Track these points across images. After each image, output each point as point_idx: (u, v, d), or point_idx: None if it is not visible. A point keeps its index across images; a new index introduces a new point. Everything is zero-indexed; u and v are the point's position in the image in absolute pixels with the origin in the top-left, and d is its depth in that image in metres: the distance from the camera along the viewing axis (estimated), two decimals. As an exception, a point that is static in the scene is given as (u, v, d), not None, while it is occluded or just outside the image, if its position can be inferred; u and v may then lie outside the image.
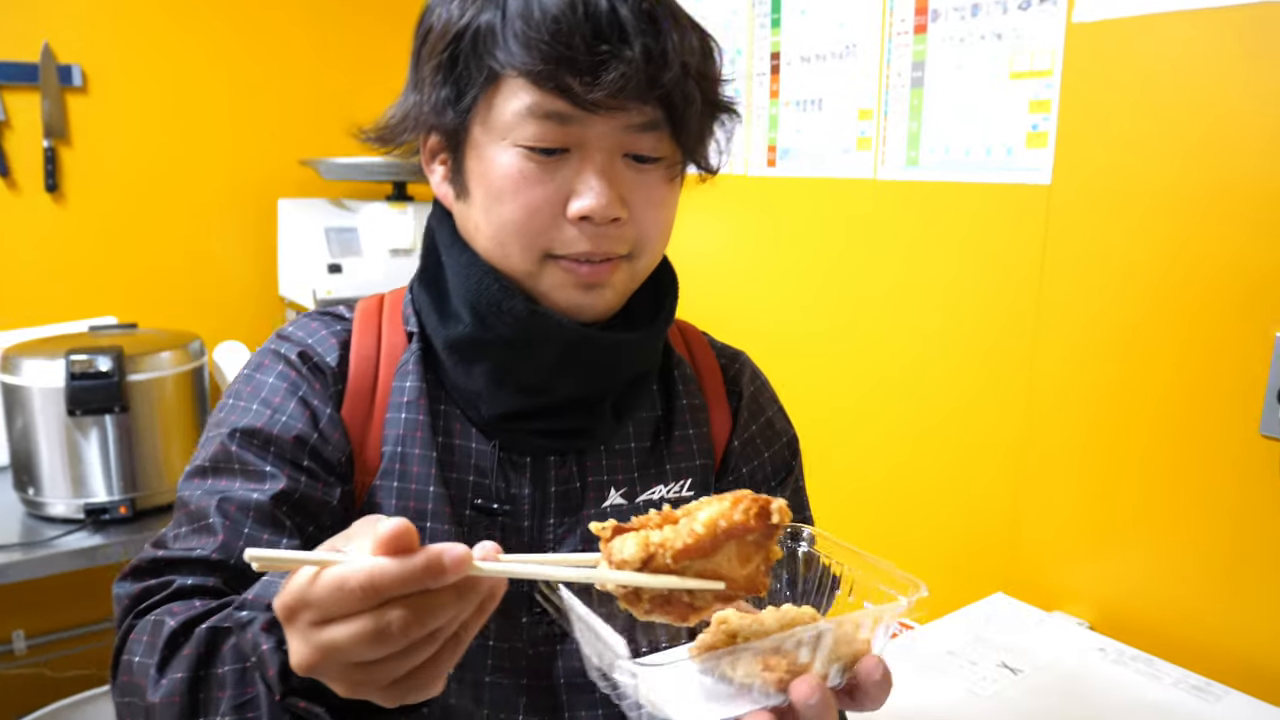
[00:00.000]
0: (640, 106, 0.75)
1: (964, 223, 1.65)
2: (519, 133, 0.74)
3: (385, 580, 0.48)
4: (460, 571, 0.49)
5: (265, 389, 0.83)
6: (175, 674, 0.65)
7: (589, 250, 0.77)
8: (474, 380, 0.82)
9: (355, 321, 0.88)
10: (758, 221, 2.03)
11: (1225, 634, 1.35)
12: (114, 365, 1.82)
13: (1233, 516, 1.33)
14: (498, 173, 0.76)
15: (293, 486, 0.78)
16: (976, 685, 1.24)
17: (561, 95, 0.72)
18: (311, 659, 0.50)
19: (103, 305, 2.37)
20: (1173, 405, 1.39)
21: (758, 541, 0.60)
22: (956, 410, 1.68)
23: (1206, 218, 1.34)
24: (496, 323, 0.79)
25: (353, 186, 2.65)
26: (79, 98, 2.30)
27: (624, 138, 0.76)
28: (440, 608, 0.49)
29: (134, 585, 0.75)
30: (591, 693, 0.84)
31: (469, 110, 0.77)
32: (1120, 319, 1.44)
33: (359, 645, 0.48)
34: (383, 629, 0.48)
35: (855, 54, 1.80)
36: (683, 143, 0.79)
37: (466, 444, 0.84)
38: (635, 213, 0.78)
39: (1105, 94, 1.45)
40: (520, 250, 0.77)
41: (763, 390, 1.01)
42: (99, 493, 1.88)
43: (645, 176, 0.78)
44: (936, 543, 1.72)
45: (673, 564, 0.58)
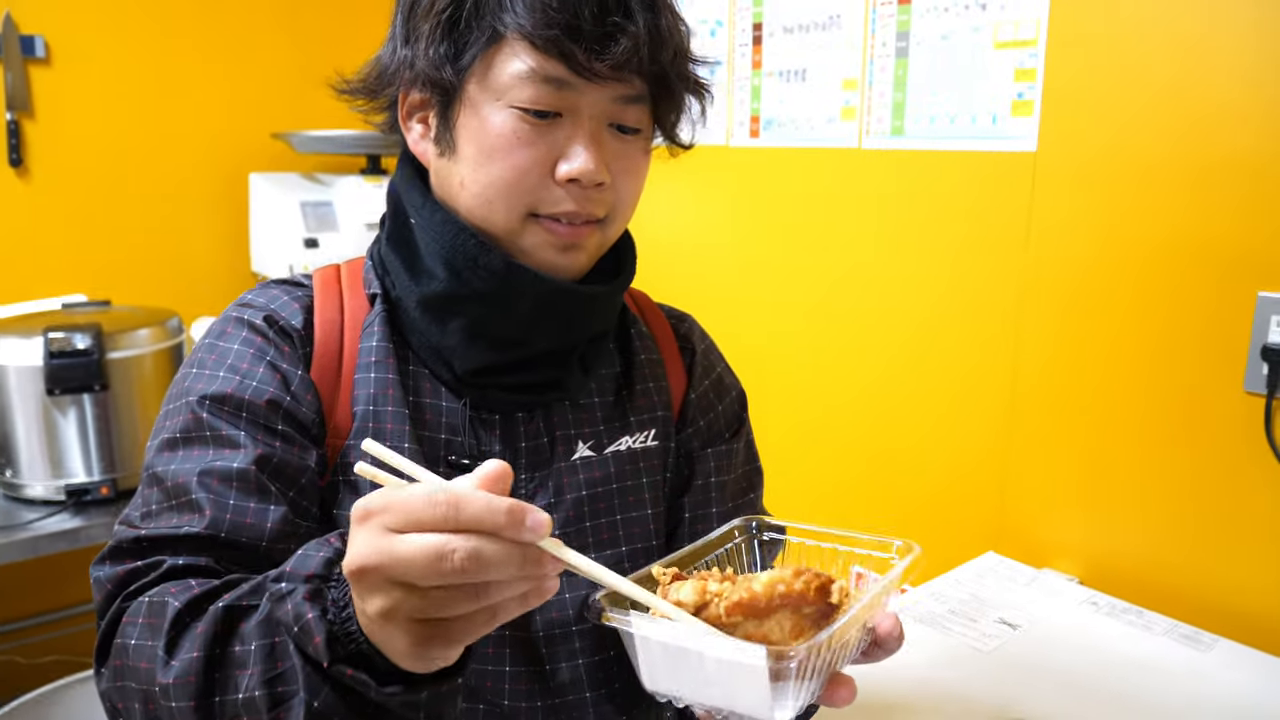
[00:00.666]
0: (632, 80, 0.78)
1: (950, 190, 1.67)
2: (516, 94, 0.77)
3: (472, 507, 0.49)
4: (537, 532, 0.50)
5: (231, 355, 0.82)
6: (189, 654, 0.64)
7: (573, 210, 0.79)
8: (448, 336, 0.83)
9: (315, 288, 0.88)
10: (741, 192, 2.04)
11: (1211, 585, 1.40)
12: (93, 343, 1.79)
13: (1217, 471, 1.38)
14: (491, 131, 0.78)
15: (269, 452, 0.78)
16: (978, 641, 1.27)
17: (563, 61, 0.75)
18: (367, 559, 0.51)
19: (72, 283, 2.31)
20: (1158, 365, 1.43)
21: (813, 618, 0.60)
22: (945, 375, 1.71)
23: (1189, 182, 1.38)
24: (472, 277, 0.80)
25: (326, 160, 2.61)
26: (42, 69, 2.24)
27: (612, 108, 0.79)
28: (500, 560, 0.50)
29: (116, 568, 0.73)
30: (571, 643, 0.87)
31: (467, 68, 0.78)
32: (1105, 281, 1.48)
33: (417, 559, 0.49)
34: (445, 551, 0.49)
35: (839, 24, 1.82)
36: (662, 117, 0.84)
37: (437, 403, 0.85)
38: (615, 180, 0.81)
39: (1089, 63, 1.48)
40: (505, 208, 0.79)
41: (711, 348, 1.06)
42: (79, 473, 1.85)
43: (627, 147, 0.82)
44: (927, 504, 1.75)
45: (725, 617, 0.59)
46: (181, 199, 2.48)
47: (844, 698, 0.62)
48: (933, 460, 1.74)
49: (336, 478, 0.82)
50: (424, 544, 0.49)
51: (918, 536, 0.72)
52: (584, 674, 0.87)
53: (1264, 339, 1.31)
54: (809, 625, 0.60)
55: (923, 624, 1.32)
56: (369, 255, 0.92)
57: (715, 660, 0.57)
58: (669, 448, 0.96)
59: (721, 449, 0.99)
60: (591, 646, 0.87)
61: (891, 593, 0.67)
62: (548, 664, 0.86)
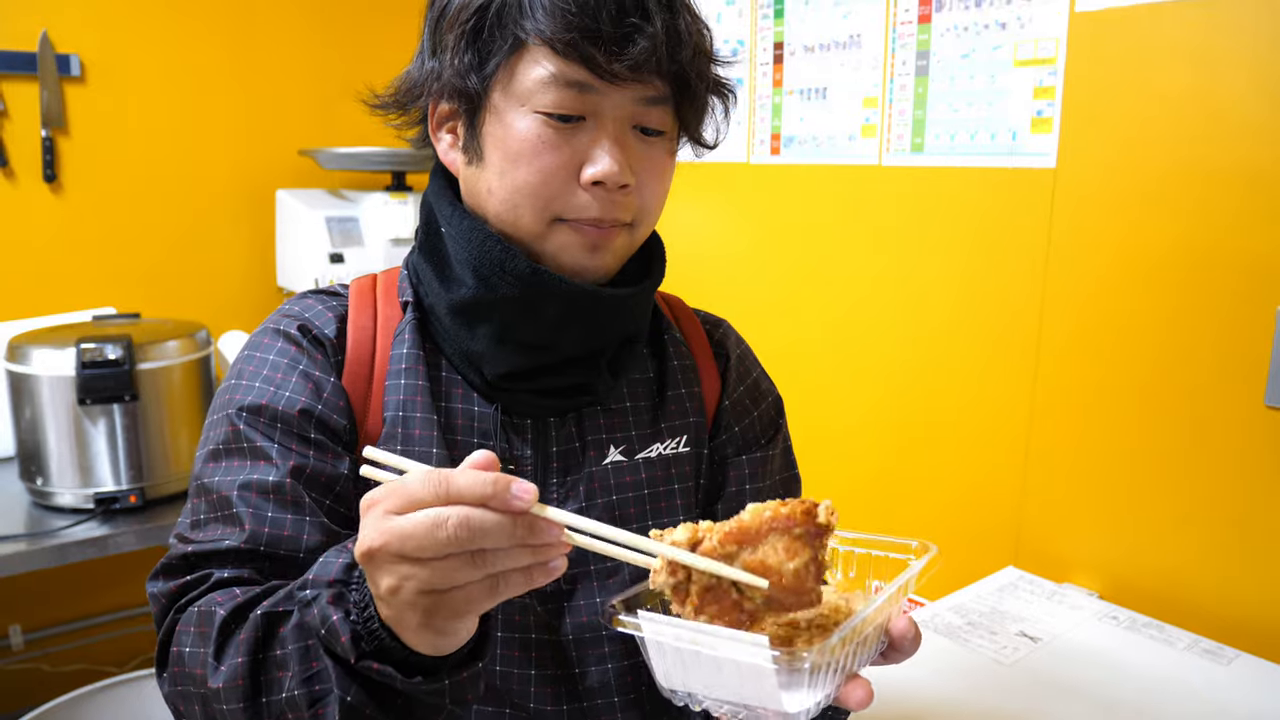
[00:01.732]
0: (653, 81, 0.79)
1: (970, 206, 1.69)
2: (539, 99, 0.78)
3: (460, 478, 0.54)
4: (523, 498, 0.54)
5: (267, 366, 0.85)
6: (235, 659, 0.68)
7: (598, 216, 0.81)
8: (477, 341, 0.85)
9: (351, 297, 0.91)
10: (763, 208, 2.06)
11: (1233, 599, 1.39)
12: (124, 354, 1.82)
13: (1239, 485, 1.38)
14: (516, 137, 0.79)
15: (302, 462, 0.80)
16: (999, 654, 1.27)
17: (584, 65, 0.77)
18: (375, 541, 0.55)
19: (101, 296, 2.35)
20: (1178, 379, 1.44)
21: (803, 537, 0.61)
22: (965, 391, 1.72)
23: (1208, 198, 1.39)
24: (499, 283, 0.82)
25: (351, 177, 2.65)
26: (77, 88, 2.29)
27: (635, 110, 0.80)
28: (492, 526, 0.54)
29: (169, 583, 0.77)
30: (600, 647, 0.87)
31: (491, 76, 0.80)
32: (1125, 297, 1.49)
33: (416, 531, 0.53)
34: (439, 520, 0.53)
35: (859, 43, 1.84)
36: (685, 118, 0.85)
37: (469, 408, 0.87)
38: (640, 181, 0.82)
39: (1108, 80, 1.49)
40: (532, 213, 0.81)
41: (747, 354, 1.05)
42: (108, 482, 1.88)
43: (651, 149, 0.83)
44: (948, 519, 1.76)
45: (720, 548, 0.60)
46: (210, 214, 2.53)
47: (860, 699, 0.63)
48: (952, 474, 1.75)
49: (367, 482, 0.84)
50: (421, 517, 0.54)
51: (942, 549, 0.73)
52: (613, 679, 0.88)
53: (1284, 354, 1.31)
54: (801, 545, 0.61)
55: (943, 636, 1.32)
56: (404, 265, 0.94)
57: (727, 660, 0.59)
58: (702, 454, 0.96)
59: (756, 455, 0.99)
60: (621, 651, 0.88)
61: (908, 592, 0.68)
62: (577, 667, 0.87)
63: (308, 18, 2.59)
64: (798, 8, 1.94)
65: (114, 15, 2.32)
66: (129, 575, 2.41)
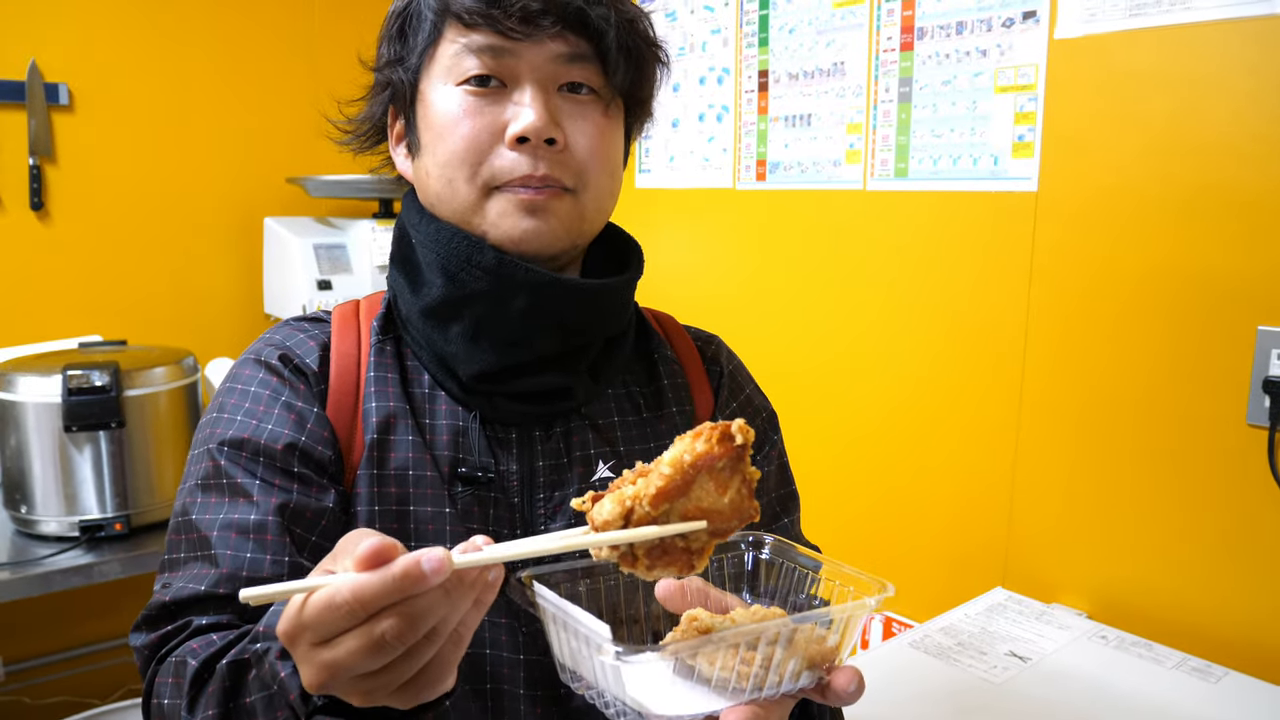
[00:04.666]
0: (565, 35, 0.81)
1: (954, 229, 1.71)
2: (457, 70, 0.81)
3: (369, 593, 0.50)
4: (441, 573, 0.50)
5: (249, 399, 0.84)
6: (206, 711, 0.67)
7: (528, 173, 0.80)
8: (450, 342, 0.85)
9: (333, 323, 0.90)
10: (750, 234, 2.07)
11: (1220, 618, 1.40)
12: (111, 380, 1.81)
13: (1223, 504, 1.39)
14: (440, 112, 0.82)
15: (285, 499, 0.79)
16: (989, 674, 1.27)
17: (489, 26, 0.79)
18: (319, 678, 0.53)
19: (88, 324, 2.35)
20: (1161, 400, 1.45)
21: (729, 466, 0.61)
22: (951, 413, 1.73)
23: (1188, 220, 1.41)
24: (467, 278, 0.82)
25: (339, 204, 2.66)
26: (65, 116, 2.30)
27: (554, 68, 0.81)
28: (430, 610, 0.51)
29: (150, 634, 0.76)
30: None
31: (418, 65, 0.84)
32: (1108, 318, 1.50)
33: (358, 659, 0.51)
34: (377, 640, 0.50)
35: (843, 71, 1.86)
36: (609, 70, 0.83)
37: (452, 423, 0.86)
38: (572, 140, 0.82)
39: (1088, 106, 1.52)
40: (465, 182, 0.82)
41: (739, 369, 1.04)
42: (93, 510, 1.86)
43: (580, 106, 0.83)
44: (935, 541, 1.76)
45: (653, 511, 0.59)
46: (198, 242, 2.53)
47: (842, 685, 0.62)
48: (940, 495, 1.76)
49: (354, 509, 0.83)
50: (355, 644, 0.51)
51: (925, 572, 0.72)
52: None
53: (1265, 372, 1.33)
54: (728, 476, 0.60)
55: (932, 657, 1.32)
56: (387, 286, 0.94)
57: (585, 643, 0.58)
58: None
59: None
60: None
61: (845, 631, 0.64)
62: (564, 688, 0.86)
63: (295, 46, 2.61)
64: (782, 36, 1.97)
65: (103, 45, 2.33)
66: (114, 604, 2.38)
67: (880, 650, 1.36)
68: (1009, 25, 1.61)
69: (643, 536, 0.58)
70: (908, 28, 1.75)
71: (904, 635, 1.40)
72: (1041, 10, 1.57)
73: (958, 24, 1.68)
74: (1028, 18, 1.59)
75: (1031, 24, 1.58)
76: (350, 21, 2.68)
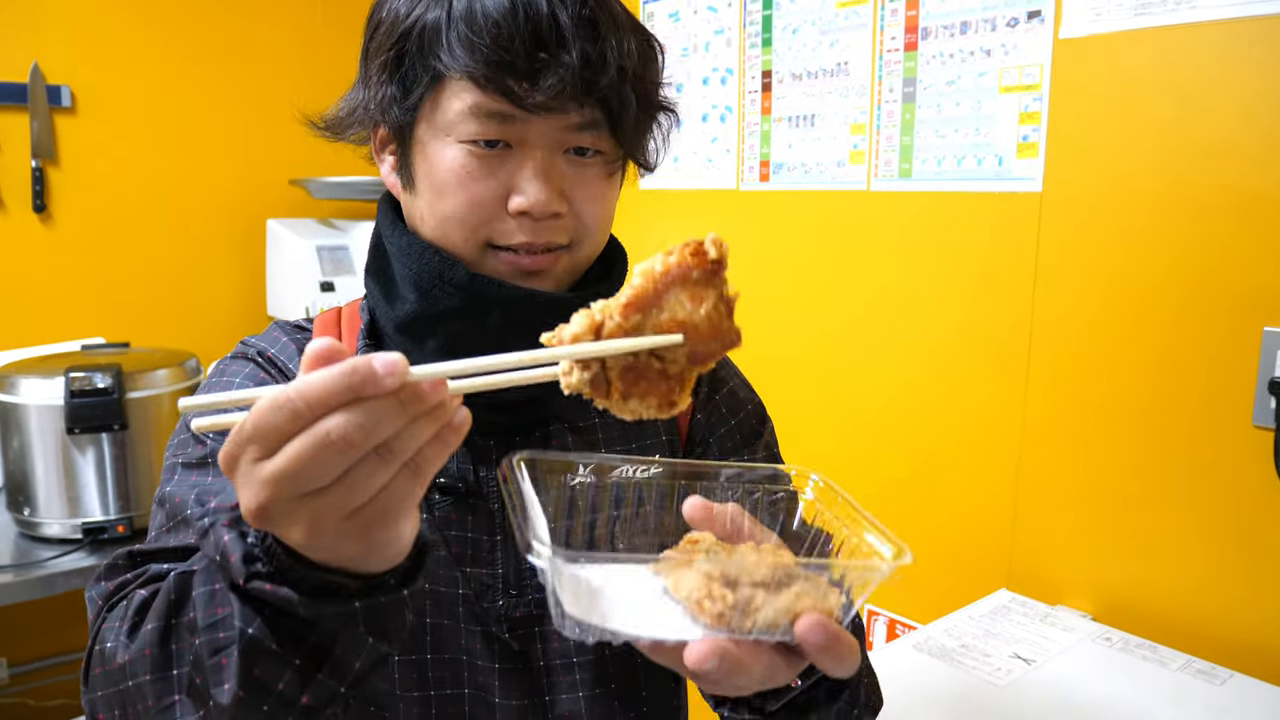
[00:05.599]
0: (579, 109, 0.78)
1: (958, 230, 1.70)
2: (462, 129, 0.78)
3: (316, 388, 0.47)
4: (394, 374, 0.47)
5: (234, 386, 0.84)
6: (146, 626, 0.62)
7: (528, 241, 0.79)
8: (425, 358, 0.82)
9: (315, 331, 0.90)
10: (753, 234, 2.07)
11: (1226, 620, 1.39)
12: (113, 382, 1.81)
13: (1229, 505, 1.38)
14: (442, 168, 0.79)
15: None
16: (992, 676, 1.27)
17: (503, 97, 0.76)
18: (260, 498, 0.48)
19: (91, 326, 2.35)
20: (1167, 400, 1.44)
21: (704, 279, 0.57)
22: (956, 414, 1.73)
23: (1193, 220, 1.40)
24: (440, 295, 0.80)
25: (342, 206, 2.66)
26: (68, 118, 2.30)
27: (564, 135, 0.79)
28: (382, 417, 0.48)
29: (108, 584, 0.72)
30: (573, 674, 0.84)
31: (415, 108, 0.80)
32: (1113, 318, 1.50)
33: (302, 463, 0.47)
34: (321, 439, 0.47)
35: (847, 71, 1.86)
36: (621, 140, 0.82)
37: None
38: (575, 206, 0.81)
39: (1093, 106, 1.51)
40: (462, 240, 0.80)
41: (723, 364, 1.02)
42: (95, 512, 1.86)
43: (585, 171, 0.81)
44: (939, 542, 1.75)
45: (624, 323, 0.55)
46: (200, 244, 2.53)
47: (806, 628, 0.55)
48: (944, 497, 1.75)
49: None
50: (300, 447, 0.47)
51: (930, 573, 0.70)
52: (584, 707, 0.85)
53: (1271, 373, 1.32)
54: (703, 288, 0.57)
55: (936, 659, 1.32)
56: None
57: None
58: None
59: None
60: (594, 678, 0.85)
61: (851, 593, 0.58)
62: (547, 695, 0.84)
63: (297, 47, 2.61)
64: (785, 36, 1.96)
65: (105, 47, 2.33)
66: (116, 607, 2.38)
67: (884, 652, 1.35)
68: (1013, 25, 1.61)
69: (616, 348, 0.54)
70: (912, 27, 1.75)
71: (908, 637, 1.40)
72: (1046, 10, 1.56)
73: (962, 24, 1.68)
74: (1032, 17, 1.58)
75: (1036, 23, 1.58)
76: (354, 21, 2.66)
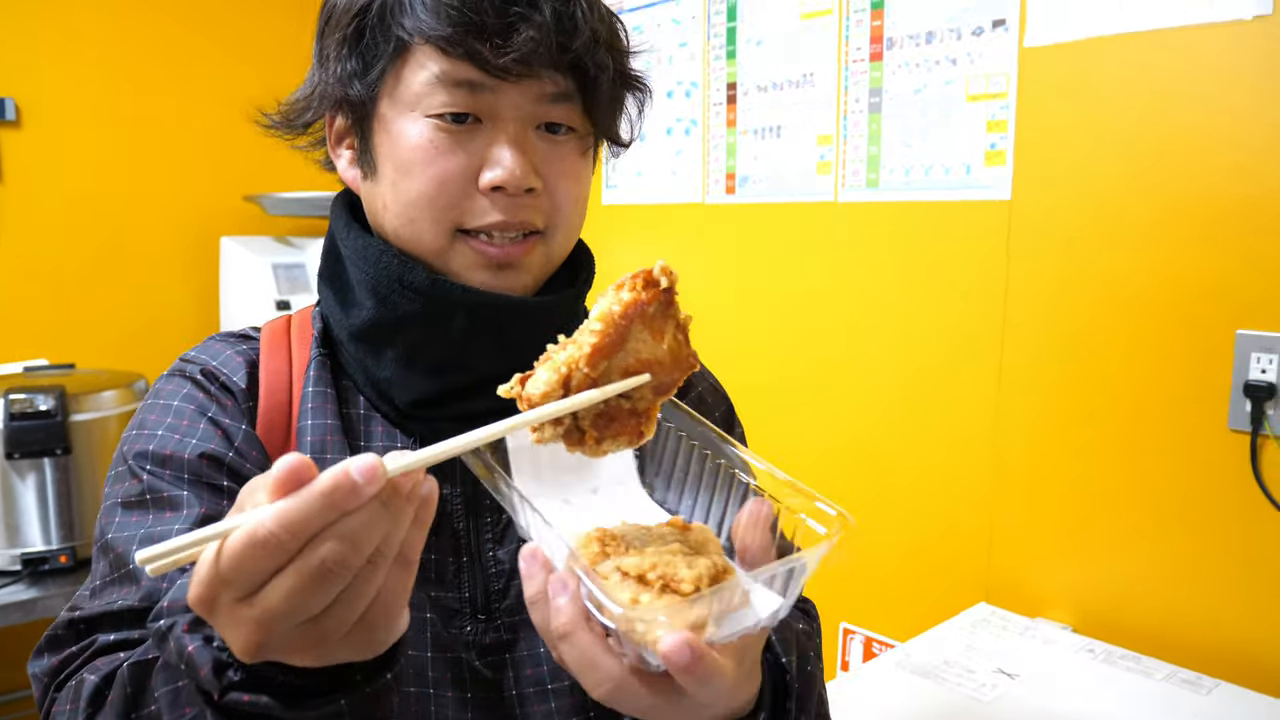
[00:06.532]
0: (552, 76, 0.73)
1: (927, 240, 1.68)
2: (429, 102, 0.72)
3: (297, 517, 0.43)
4: (374, 480, 0.44)
5: (171, 413, 0.78)
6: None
7: (502, 220, 0.74)
8: (384, 367, 0.79)
9: (263, 341, 0.84)
10: (719, 248, 2.04)
11: (1209, 628, 1.37)
12: (56, 404, 1.73)
13: (1207, 511, 1.37)
14: (407, 145, 0.74)
15: (214, 510, 0.72)
16: (977, 691, 1.23)
17: (471, 61, 0.71)
18: (254, 638, 0.45)
19: (34, 348, 2.26)
20: (1141, 408, 1.43)
21: (660, 312, 0.57)
22: (928, 426, 1.70)
23: (1163, 225, 1.40)
24: (400, 300, 0.75)
25: (298, 223, 2.60)
26: (11, 132, 2.22)
27: (536, 108, 0.74)
28: (370, 527, 0.45)
29: (51, 659, 0.68)
30: (547, 702, 0.79)
31: (377, 83, 0.75)
32: (1086, 326, 1.48)
33: (298, 599, 0.44)
34: (317, 570, 0.43)
35: (813, 82, 1.85)
36: (594, 114, 0.78)
37: (390, 445, 0.80)
38: (549, 184, 0.76)
39: (1060, 113, 1.51)
40: (430, 224, 0.74)
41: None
42: (36, 541, 1.78)
43: (559, 148, 0.77)
44: (915, 558, 1.72)
45: (592, 372, 0.54)
46: (151, 262, 2.45)
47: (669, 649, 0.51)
48: (918, 511, 1.72)
49: None
50: (292, 582, 0.44)
51: (905, 590, 0.67)
52: None
53: (1245, 376, 1.31)
54: (661, 320, 0.57)
55: (919, 676, 1.28)
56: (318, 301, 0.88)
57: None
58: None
59: None
60: (569, 706, 0.79)
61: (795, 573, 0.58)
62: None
63: (250, 61, 2.55)
64: (750, 48, 1.95)
65: (51, 57, 2.26)
66: (60, 642, 2.27)
67: (864, 670, 1.32)
68: (979, 34, 1.60)
69: (587, 401, 0.53)
70: (877, 37, 1.74)
71: (888, 655, 1.36)
72: (1011, 19, 1.56)
73: (927, 33, 1.67)
74: (997, 26, 1.58)
75: (1001, 32, 1.57)
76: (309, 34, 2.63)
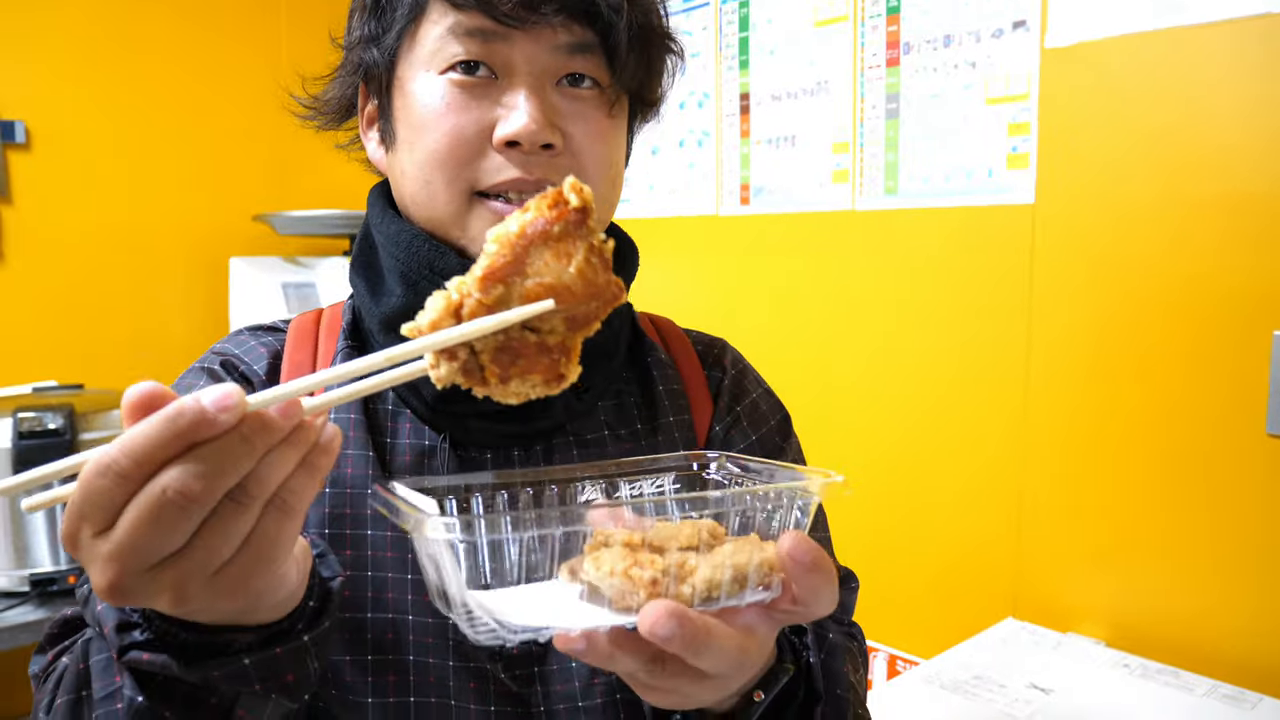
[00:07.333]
0: (569, 25, 0.70)
1: (949, 246, 1.65)
2: (441, 56, 0.71)
3: (140, 443, 0.40)
4: (229, 410, 0.41)
5: None
6: (58, 701, 0.58)
7: (518, 177, 0.70)
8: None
9: (290, 332, 0.83)
10: (735, 261, 2.01)
11: (1249, 640, 1.32)
12: (65, 423, 1.71)
13: (1245, 518, 1.32)
14: (421, 103, 0.72)
15: None
16: (1010, 707, 1.19)
17: (481, 10, 0.69)
18: (108, 576, 0.42)
19: (44, 369, 2.24)
20: (1174, 413, 1.39)
21: (569, 232, 0.51)
22: (953, 438, 1.66)
23: (1193, 225, 1.36)
24: (429, 287, 0.72)
25: (308, 243, 2.58)
26: (22, 155, 2.21)
27: (554, 60, 0.71)
28: (226, 460, 0.41)
29: (46, 655, 0.67)
30: (579, 719, 0.75)
31: (395, 46, 0.74)
32: (1115, 330, 1.45)
33: (144, 529, 0.41)
34: (157, 500, 0.41)
35: (827, 90, 1.82)
36: (616, 65, 0.73)
37: (416, 442, 0.77)
38: (573, 144, 0.72)
39: (1083, 113, 1.48)
40: (445, 184, 0.72)
41: (745, 373, 0.95)
42: (45, 562, 1.75)
43: (581, 105, 0.73)
44: (939, 572, 1.68)
45: (484, 298, 0.49)
46: (160, 283, 2.44)
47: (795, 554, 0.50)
48: (944, 525, 1.68)
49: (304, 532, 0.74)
50: (136, 514, 0.41)
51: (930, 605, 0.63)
52: None
53: (1284, 379, 1.27)
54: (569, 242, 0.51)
55: (950, 691, 1.24)
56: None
57: None
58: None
59: None
60: None
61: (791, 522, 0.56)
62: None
63: (260, 82, 2.54)
64: (763, 57, 1.92)
65: (61, 80, 2.26)
66: (69, 667, 2.25)
67: (890, 688, 1.27)
68: (998, 35, 1.58)
69: (481, 328, 0.48)
70: (893, 43, 1.72)
71: (915, 670, 1.32)
72: (1031, 20, 1.53)
73: (945, 36, 1.65)
74: (1017, 27, 1.55)
75: (1022, 33, 1.55)
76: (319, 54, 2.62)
